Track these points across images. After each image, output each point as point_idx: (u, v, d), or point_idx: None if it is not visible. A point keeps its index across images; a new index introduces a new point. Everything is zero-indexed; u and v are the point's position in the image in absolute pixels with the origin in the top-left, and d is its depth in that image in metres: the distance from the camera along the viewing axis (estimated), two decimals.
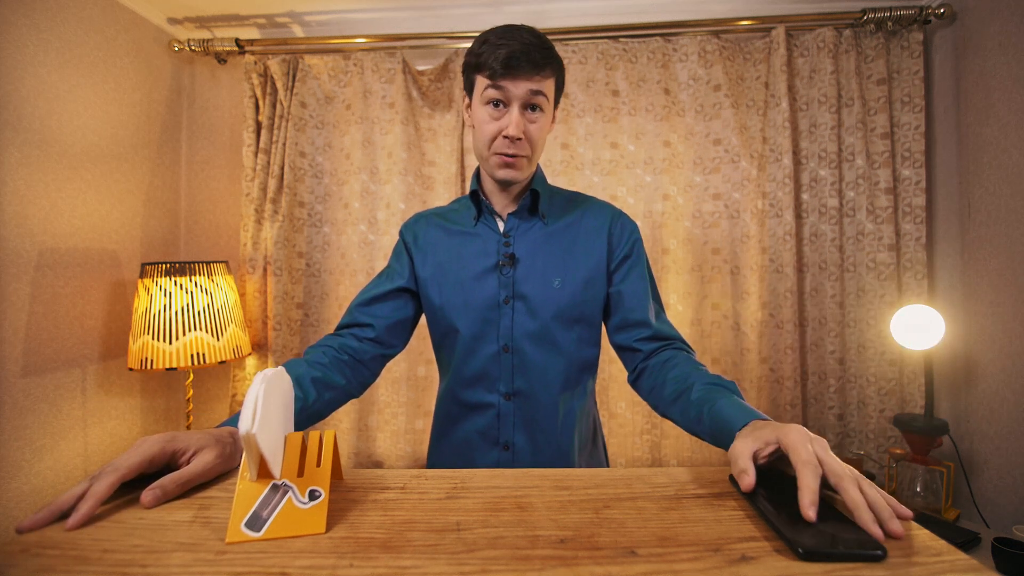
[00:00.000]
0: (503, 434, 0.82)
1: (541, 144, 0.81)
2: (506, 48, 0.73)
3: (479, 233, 0.86)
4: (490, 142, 0.78)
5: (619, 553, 0.42)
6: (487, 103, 0.77)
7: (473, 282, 0.83)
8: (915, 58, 1.53)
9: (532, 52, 0.74)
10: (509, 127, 0.75)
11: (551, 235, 0.85)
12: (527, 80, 0.74)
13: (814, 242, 1.59)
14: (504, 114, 0.77)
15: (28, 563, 0.41)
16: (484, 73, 0.75)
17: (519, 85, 0.74)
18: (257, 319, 1.66)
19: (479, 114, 0.79)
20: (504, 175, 0.79)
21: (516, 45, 0.73)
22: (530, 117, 0.77)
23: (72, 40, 1.39)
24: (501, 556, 0.42)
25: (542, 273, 0.82)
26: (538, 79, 0.75)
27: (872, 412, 1.52)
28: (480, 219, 0.87)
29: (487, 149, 0.79)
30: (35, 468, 1.29)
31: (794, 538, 0.41)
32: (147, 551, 0.43)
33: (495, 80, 0.74)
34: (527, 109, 0.77)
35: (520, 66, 0.73)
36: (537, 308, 0.81)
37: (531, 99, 0.76)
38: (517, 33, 0.75)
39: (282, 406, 0.53)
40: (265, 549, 0.43)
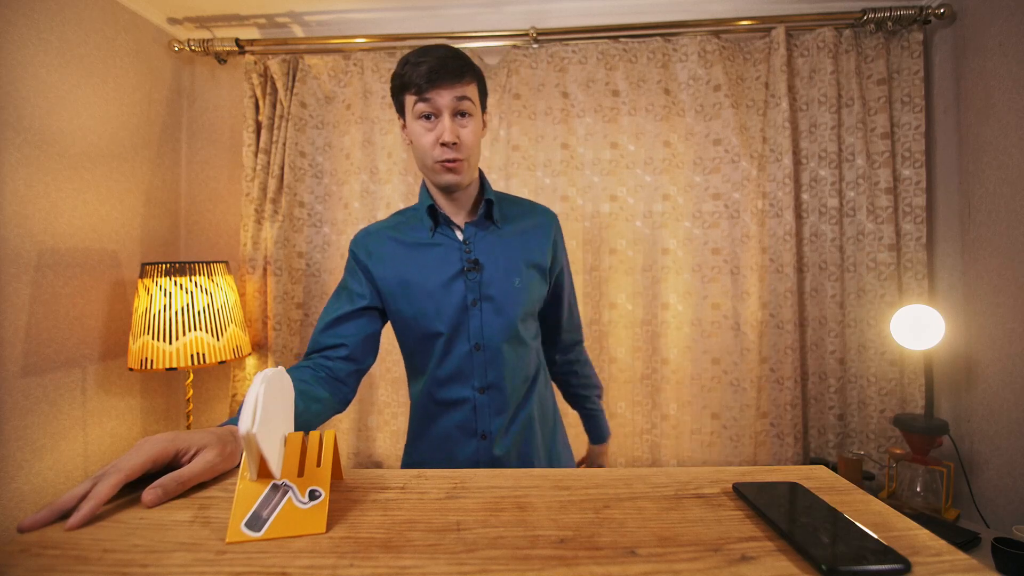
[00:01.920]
0: (480, 424, 0.89)
1: (476, 147, 0.87)
2: (426, 64, 0.79)
3: (439, 243, 0.91)
4: (429, 152, 0.84)
5: (619, 553, 0.42)
6: (419, 117, 0.83)
7: (442, 289, 0.88)
8: (915, 58, 1.53)
9: (449, 63, 0.80)
10: (444, 134, 0.81)
11: (506, 239, 0.92)
12: (450, 88, 0.80)
13: (814, 242, 1.59)
14: (436, 124, 0.82)
15: (28, 563, 0.41)
16: (411, 91, 0.82)
17: (444, 94, 0.80)
18: (257, 319, 1.66)
19: (414, 129, 0.84)
20: (448, 179, 0.85)
21: (434, 60, 0.79)
22: (460, 123, 0.83)
23: (72, 40, 1.39)
24: (501, 556, 0.42)
25: (504, 275, 0.90)
26: (460, 86, 0.81)
27: (872, 412, 1.52)
28: (437, 230, 0.91)
29: (428, 159, 0.85)
30: (35, 468, 1.29)
31: (816, 554, 0.40)
32: (147, 551, 0.43)
33: (422, 94, 0.80)
34: (456, 116, 0.83)
35: (442, 77, 0.79)
36: (503, 307, 0.89)
37: (458, 105, 0.82)
38: (433, 50, 0.81)
39: (282, 406, 0.53)
40: (265, 549, 0.43)
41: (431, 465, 0.91)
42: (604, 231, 1.66)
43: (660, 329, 1.63)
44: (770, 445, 1.57)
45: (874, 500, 0.53)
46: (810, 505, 0.49)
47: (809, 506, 0.49)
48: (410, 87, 0.81)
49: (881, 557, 0.40)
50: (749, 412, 1.57)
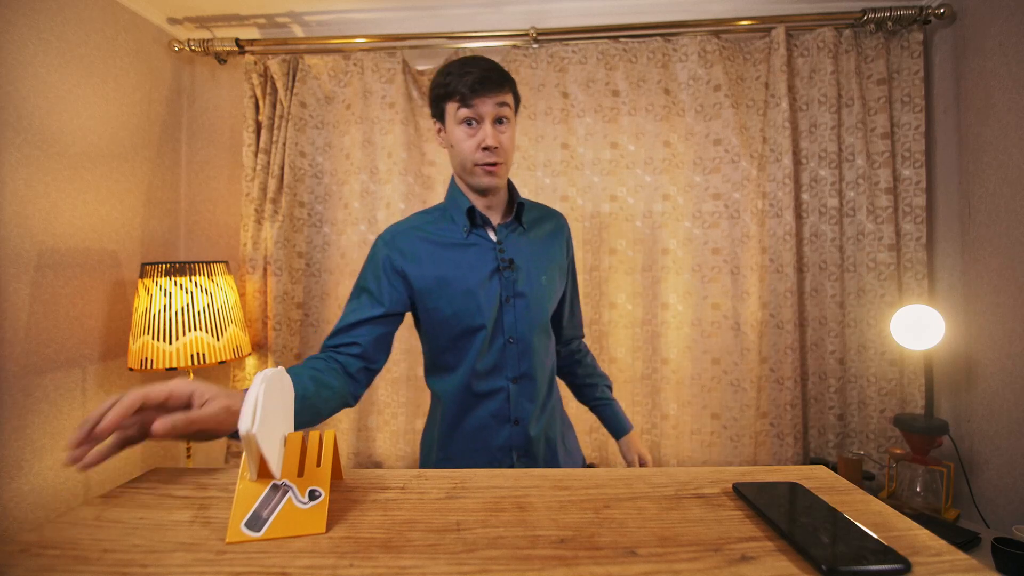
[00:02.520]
0: (513, 411, 0.95)
1: (512, 151, 0.94)
2: (471, 75, 0.86)
3: (474, 243, 0.95)
4: (470, 155, 0.89)
5: (619, 553, 0.42)
6: (461, 123, 0.89)
7: (479, 287, 0.92)
8: (915, 58, 1.53)
9: (492, 74, 0.87)
10: (486, 139, 0.87)
11: (532, 240, 0.99)
12: (493, 96, 0.87)
13: (814, 242, 1.59)
14: (478, 130, 0.89)
15: (28, 563, 0.41)
16: (455, 99, 0.88)
17: (487, 102, 0.87)
18: (257, 319, 1.66)
19: (456, 134, 0.90)
20: (487, 182, 0.91)
21: (478, 71, 0.86)
22: (500, 129, 0.89)
23: (72, 40, 1.39)
24: (501, 556, 0.42)
25: (535, 273, 0.97)
26: (501, 95, 0.88)
27: (872, 412, 1.52)
28: (473, 231, 0.96)
29: (469, 163, 0.90)
30: (35, 468, 1.29)
31: (816, 554, 0.40)
32: (147, 551, 0.43)
33: (466, 102, 0.87)
34: (496, 122, 0.89)
35: (486, 86, 0.86)
36: (534, 303, 0.96)
37: (499, 112, 0.88)
38: (475, 62, 0.88)
39: (282, 406, 0.53)
40: (265, 549, 0.43)
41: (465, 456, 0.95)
42: (604, 231, 1.66)
43: (660, 329, 1.64)
44: (770, 445, 1.57)
45: (874, 500, 0.53)
46: (810, 505, 0.49)
47: (809, 506, 0.49)
48: (454, 95, 0.87)
49: (881, 557, 0.40)
50: (749, 412, 1.57)
